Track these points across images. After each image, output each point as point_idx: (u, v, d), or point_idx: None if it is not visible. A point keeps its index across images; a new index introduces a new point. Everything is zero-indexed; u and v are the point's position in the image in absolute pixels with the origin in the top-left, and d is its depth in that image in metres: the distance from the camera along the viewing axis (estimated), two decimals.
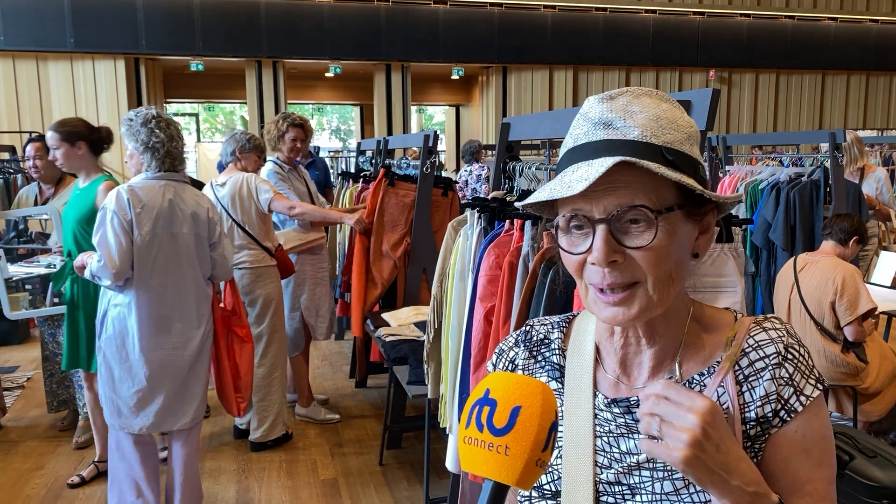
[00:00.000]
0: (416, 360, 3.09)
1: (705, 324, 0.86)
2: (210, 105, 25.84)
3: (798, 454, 0.79)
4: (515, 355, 0.97)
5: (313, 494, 3.31)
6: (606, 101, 0.79)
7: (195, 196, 2.82)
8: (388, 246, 4.07)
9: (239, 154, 3.75)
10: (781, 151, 8.45)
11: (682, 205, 0.77)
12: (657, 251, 0.75)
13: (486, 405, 0.66)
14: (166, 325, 2.70)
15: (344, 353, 5.48)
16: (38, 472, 3.52)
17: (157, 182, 2.71)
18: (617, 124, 0.76)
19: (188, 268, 2.75)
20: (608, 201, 0.74)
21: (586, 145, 0.77)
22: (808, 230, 4.00)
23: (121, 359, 2.69)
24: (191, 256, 2.75)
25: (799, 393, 0.79)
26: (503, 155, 2.80)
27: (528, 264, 2.13)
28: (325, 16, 12.08)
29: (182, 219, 2.73)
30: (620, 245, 0.75)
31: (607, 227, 0.75)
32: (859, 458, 2.29)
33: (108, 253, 2.58)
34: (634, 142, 0.75)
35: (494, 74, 13.48)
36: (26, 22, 10.91)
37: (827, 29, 14.44)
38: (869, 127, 15.14)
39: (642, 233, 0.75)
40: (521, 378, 0.67)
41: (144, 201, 2.65)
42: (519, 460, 0.63)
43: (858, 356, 3.34)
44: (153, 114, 2.72)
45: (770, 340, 0.81)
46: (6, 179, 6.12)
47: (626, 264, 0.76)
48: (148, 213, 2.65)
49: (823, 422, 0.80)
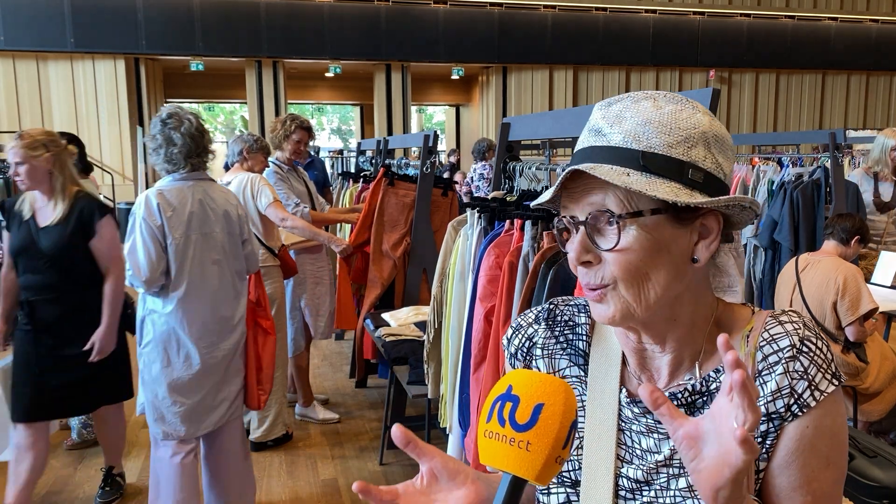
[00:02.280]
0: (416, 360, 3.09)
1: (724, 323, 0.86)
2: (210, 105, 25.86)
3: (806, 451, 0.77)
4: (534, 332, 0.95)
5: (313, 494, 3.31)
6: (605, 108, 0.81)
7: (224, 194, 2.78)
8: (388, 246, 4.08)
9: (246, 154, 3.78)
10: (781, 151, 8.45)
11: (661, 209, 0.77)
12: (625, 254, 0.77)
13: (508, 401, 0.67)
14: (205, 325, 2.66)
15: (344, 353, 5.48)
16: None
17: (185, 183, 2.64)
18: (605, 131, 0.79)
19: (224, 267, 2.72)
20: (585, 204, 0.79)
21: (579, 152, 0.81)
22: (811, 230, 4.00)
23: (163, 363, 2.63)
24: (226, 255, 2.73)
25: (813, 388, 0.77)
26: (503, 155, 2.80)
27: (528, 264, 2.13)
28: (325, 16, 12.08)
29: (214, 219, 2.68)
30: (594, 246, 0.78)
31: (584, 229, 0.78)
32: (859, 458, 2.29)
33: (136, 263, 2.55)
34: (613, 147, 0.77)
35: (494, 74, 13.49)
36: (26, 22, 10.91)
37: (827, 29, 14.45)
38: (869, 127, 15.14)
39: (612, 235, 0.77)
40: (545, 376, 0.68)
41: (175, 204, 2.59)
42: (539, 456, 0.64)
43: (859, 356, 3.34)
44: (166, 114, 2.63)
45: (785, 333, 0.79)
46: (6, 179, 6.12)
47: (600, 266, 0.79)
48: (179, 216, 2.59)
49: (836, 420, 0.78)
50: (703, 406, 0.81)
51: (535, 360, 0.94)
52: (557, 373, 0.92)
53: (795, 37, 14.27)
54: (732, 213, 0.81)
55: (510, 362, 0.97)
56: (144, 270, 2.53)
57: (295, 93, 14.43)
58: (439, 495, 0.75)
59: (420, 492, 0.75)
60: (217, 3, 11.63)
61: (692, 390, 0.82)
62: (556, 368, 0.92)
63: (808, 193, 4.01)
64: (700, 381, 0.82)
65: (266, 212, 3.59)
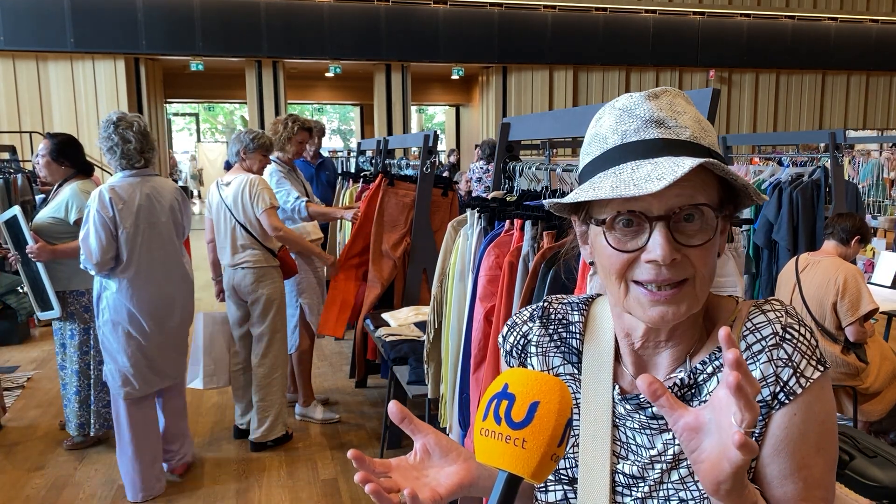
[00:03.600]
0: (416, 360, 3.09)
1: (710, 314, 0.86)
2: (210, 105, 25.85)
3: (795, 438, 0.77)
4: (529, 330, 0.95)
5: (313, 494, 3.31)
6: (652, 98, 0.79)
7: (169, 187, 3.23)
8: (388, 246, 4.08)
9: (243, 155, 3.72)
10: (781, 151, 8.46)
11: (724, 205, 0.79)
12: (709, 249, 0.77)
13: (504, 399, 0.67)
14: (153, 302, 3.12)
15: (344, 353, 5.48)
16: (38, 473, 3.52)
17: (135, 179, 3.08)
18: (669, 123, 0.77)
19: (170, 251, 3.20)
20: (670, 199, 0.74)
21: (640, 143, 0.77)
22: (810, 230, 4.00)
23: (117, 334, 3.08)
24: (172, 241, 3.21)
25: (799, 375, 0.77)
26: (503, 155, 2.80)
27: (528, 264, 2.13)
28: (325, 16, 12.07)
29: (160, 210, 3.14)
30: (677, 243, 0.76)
31: (667, 225, 0.75)
32: (859, 458, 2.29)
33: (88, 249, 2.97)
34: (689, 143, 0.76)
35: (494, 74, 13.48)
36: (26, 22, 10.90)
37: (827, 29, 14.44)
38: (869, 127, 15.14)
39: (698, 231, 0.76)
40: (540, 374, 0.69)
41: (125, 198, 3.03)
42: (535, 454, 0.65)
43: (859, 356, 3.34)
44: (115, 117, 3.03)
45: (767, 322, 0.80)
46: (6, 179, 6.12)
47: (680, 262, 0.76)
48: (129, 208, 3.03)
49: (825, 405, 0.78)
50: (693, 399, 0.82)
51: (530, 357, 0.94)
52: (551, 371, 0.92)
53: (795, 37, 14.26)
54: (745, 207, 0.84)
55: (505, 360, 0.98)
56: (96, 255, 2.96)
57: (295, 93, 14.42)
58: (431, 471, 0.77)
59: (413, 466, 0.77)
60: (217, 3, 11.62)
61: (681, 384, 0.82)
62: (551, 366, 0.92)
63: (807, 194, 4.01)
64: (688, 373, 0.82)
65: (260, 217, 3.57)
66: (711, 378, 0.81)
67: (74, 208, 3.51)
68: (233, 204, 3.59)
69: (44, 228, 3.50)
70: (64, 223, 3.51)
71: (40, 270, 3.48)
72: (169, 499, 3.25)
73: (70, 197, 3.53)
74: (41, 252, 3.40)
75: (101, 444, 3.80)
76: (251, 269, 3.62)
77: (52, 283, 3.48)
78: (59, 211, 3.52)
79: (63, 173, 3.64)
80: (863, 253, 4.67)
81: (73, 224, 3.50)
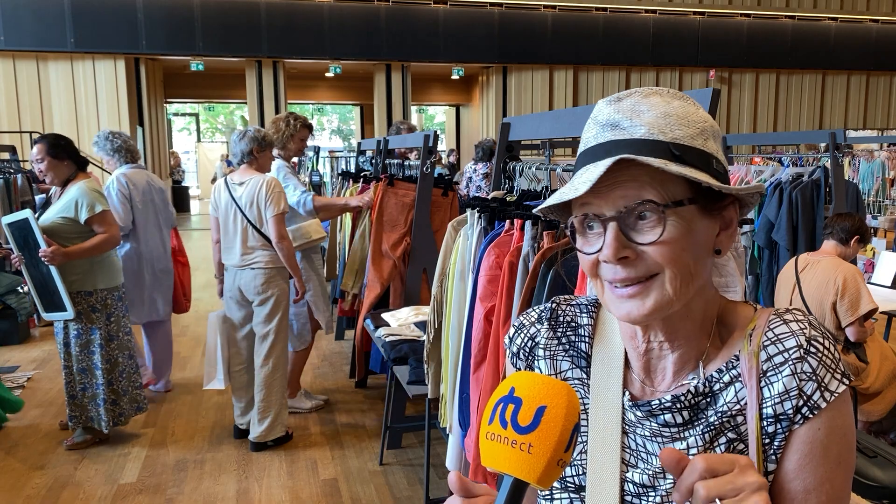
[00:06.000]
0: (416, 360, 3.09)
1: (727, 321, 0.85)
2: (210, 105, 25.85)
3: (818, 454, 0.76)
4: (537, 332, 0.93)
5: (313, 494, 3.31)
6: (614, 102, 0.79)
7: (155, 177, 4.58)
8: (388, 246, 4.08)
9: (257, 154, 3.66)
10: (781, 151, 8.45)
11: (695, 199, 0.76)
12: (671, 245, 0.75)
13: (510, 403, 0.66)
14: (151, 254, 4.44)
15: (344, 353, 5.48)
16: (38, 472, 3.51)
17: (137, 168, 4.42)
18: (624, 124, 0.77)
19: (163, 222, 4.52)
20: (616, 198, 0.75)
21: (595, 147, 0.78)
22: (810, 230, 4.00)
23: (129, 274, 4.24)
24: (160, 214, 4.50)
25: (823, 389, 0.75)
26: (503, 155, 2.80)
27: (528, 264, 2.13)
28: (325, 16, 12.08)
29: (155, 192, 4.45)
30: (630, 241, 0.75)
31: (617, 224, 0.75)
32: (859, 458, 2.29)
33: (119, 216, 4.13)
34: (640, 140, 0.75)
35: (494, 74, 13.49)
36: (26, 22, 10.90)
37: (827, 29, 14.44)
38: (869, 127, 15.15)
39: (652, 228, 0.75)
40: (547, 378, 0.68)
41: (135, 181, 4.33)
42: (541, 459, 0.64)
43: (859, 356, 3.34)
44: (108, 131, 4.34)
45: (790, 333, 0.78)
46: (6, 179, 6.12)
47: (638, 260, 0.76)
48: (138, 189, 4.32)
49: (846, 419, 0.77)
50: (707, 408, 0.80)
51: (537, 360, 0.93)
52: (559, 375, 0.91)
53: (795, 37, 14.26)
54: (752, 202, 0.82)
55: (512, 362, 0.96)
56: (120, 219, 4.09)
57: (295, 93, 14.44)
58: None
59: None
60: (217, 3, 11.62)
61: (695, 392, 0.80)
62: (558, 370, 0.91)
63: (807, 193, 4.01)
64: (703, 381, 0.80)
65: (268, 221, 3.56)
66: (728, 387, 0.79)
67: (85, 207, 3.51)
68: (247, 204, 3.57)
69: (54, 230, 3.50)
70: (74, 222, 3.52)
71: (53, 273, 3.48)
72: (169, 498, 3.25)
73: (79, 196, 3.53)
74: (55, 255, 3.41)
75: (102, 444, 3.80)
76: (262, 269, 3.62)
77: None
78: (69, 210, 3.51)
79: (67, 168, 3.63)
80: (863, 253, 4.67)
81: (84, 223, 3.51)
